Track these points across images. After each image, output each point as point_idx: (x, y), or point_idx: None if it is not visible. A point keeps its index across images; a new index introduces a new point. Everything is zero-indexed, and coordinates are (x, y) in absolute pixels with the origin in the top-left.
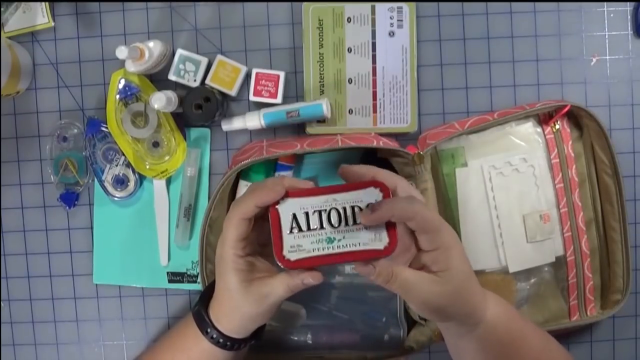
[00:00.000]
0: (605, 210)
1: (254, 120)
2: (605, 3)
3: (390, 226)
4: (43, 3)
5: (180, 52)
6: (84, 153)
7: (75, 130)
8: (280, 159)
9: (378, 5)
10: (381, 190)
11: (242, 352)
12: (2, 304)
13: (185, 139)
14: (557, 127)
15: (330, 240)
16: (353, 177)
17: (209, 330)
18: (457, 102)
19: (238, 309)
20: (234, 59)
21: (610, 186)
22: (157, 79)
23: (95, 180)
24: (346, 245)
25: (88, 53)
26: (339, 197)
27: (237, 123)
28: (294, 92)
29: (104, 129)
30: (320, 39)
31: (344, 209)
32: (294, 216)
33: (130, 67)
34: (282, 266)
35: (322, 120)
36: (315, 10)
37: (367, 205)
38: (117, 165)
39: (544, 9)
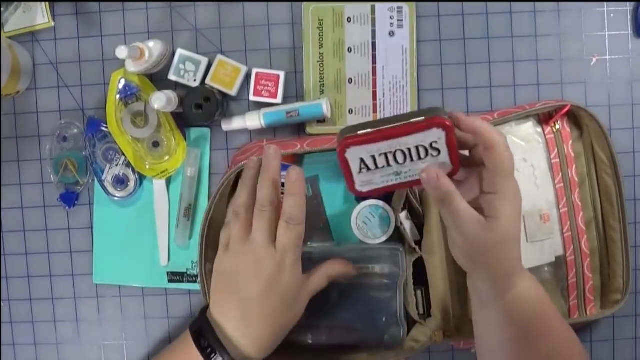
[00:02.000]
0: (605, 210)
1: (254, 120)
2: (605, 3)
3: (454, 160)
4: (43, 3)
5: (180, 52)
6: (84, 153)
7: (75, 130)
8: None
9: (378, 5)
10: (444, 129)
11: None
12: (2, 304)
13: (185, 138)
14: (557, 127)
15: (397, 174)
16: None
17: (220, 358)
18: (457, 102)
19: (287, 309)
20: (234, 59)
21: (610, 186)
22: (157, 78)
23: (95, 180)
24: (413, 175)
25: (88, 53)
26: (403, 140)
27: (237, 123)
28: (294, 92)
29: (104, 128)
30: (320, 39)
31: (409, 149)
32: (362, 160)
33: (130, 67)
34: (357, 195)
35: (322, 120)
36: (315, 10)
37: (430, 143)
38: (117, 165)
39: (544, 9)
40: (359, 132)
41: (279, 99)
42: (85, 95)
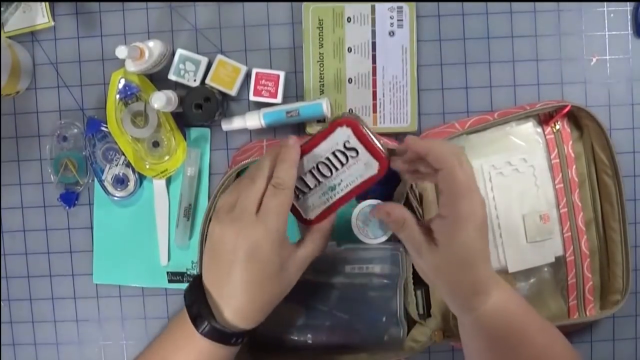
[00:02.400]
0: (605, 211)
1: (254, 120)
2: (605, 3)
3: (375, 154)
4: (43, 3)
5: (180, 52)
6: (84, 153)
7: (75, 130)
8: None
9: (378, 5)
10: (347, 125)
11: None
12: (2, 304)
13: (185, 138)
14: (558, 127)
15: (332, 188)
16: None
17: (206, 323)
18: (457, 102)
19: (269, 280)
20: (234, 59)
21: (610, 186)
22: (157, 78)
23: (95, 180)
24: (347, 185)
25: (88, 53)
26: (316, 151)
27: (237, 123)
28: (294, 92)
29: (104, 128)
30: (320, 39)
31: (328, 159)
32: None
33: (130, 66)
34: (309, 226)
35: (322, 120)
36: (315, 10)
37: (343, 145)
38: (117, 165)
39: (544, 9)
40: None
41: (279, 99)
42: (85, 95)
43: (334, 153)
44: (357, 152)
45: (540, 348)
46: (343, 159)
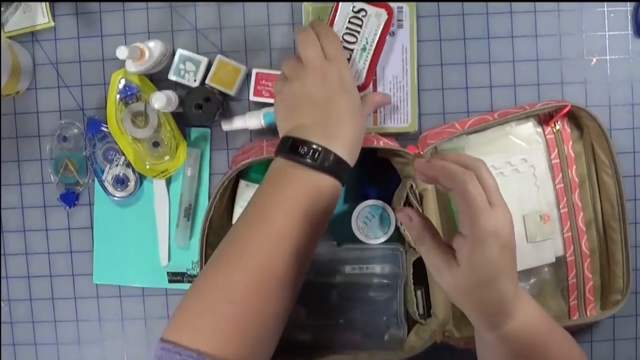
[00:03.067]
0: (605, 211)
1: (254, 120)
2: (605, 3)
3: (378, 4)
4: (43, 3)
5: (180, 52)
6: (84, 153)
7: (76, 130)
8: None
9: None
10: None
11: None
12: (2, 304)
13: (185, 138)
14: (558, 127)
15: (364, 49)
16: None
17: (332, 155)
18: (457, 102)
19: (359, 110)
20: (234, 59)
21: (611, 186)
22: (157, 79)
23: (96, 180)
24: (373, 40)
25: (88, 53)
26: (336, 28)
27: (237, 123)
28: None
29: (104, 128)
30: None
31: (347, 28)
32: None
33: (131, 67)
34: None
35: None
36: (315, 10)
37: (352, 10)
38: (117, 165)
39: (544, 9)
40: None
41: None
42: (85, 95)
43: (349, 21)
44: (366, 10)
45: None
46: (358, 22)
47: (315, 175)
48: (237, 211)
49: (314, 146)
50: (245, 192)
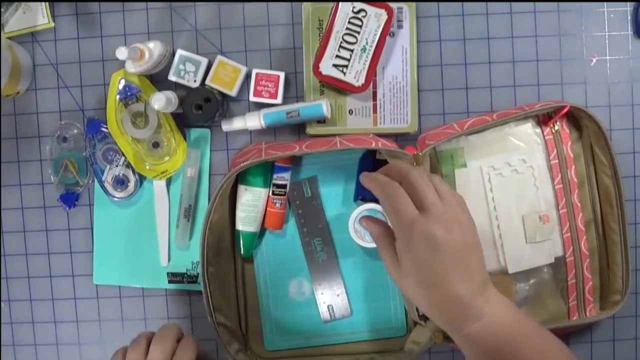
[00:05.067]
0: (605, 212)
1: (254, 121)
2: (605, 3)
3: (377, 4)
4: (43, 3)
5: (180, 52)
6: (84, 153)
7: (75, 131)
8: (278, 161)
9: None
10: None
11: None
12: (2, 304)
13: (185, 139)
14: (557, 127)
15: (364, 49)
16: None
17: None
18: (457, 102)
19: None
20: (234, 59)
21: (610, 187)
22: (157, 79)
23: (95, 180)
24: (373, 40)
25: (88, 53)
26: (336, 28)
27: (237, 123)
28: (294, 92)
29: (104, 129)
30: (320, 39)
31: (347, 28)
32: (335, 66)
33: (130, 67)
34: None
35: (322, 121)
36: (315, 10)
37: (352, 10)
38: (117, 166)
39: (544, 9)
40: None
41: (279, 100)
42: (85, 96)
43: (349, 21)
44: (365, 11)
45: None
46: (358, 22)
47: None
48: (240, 215)
49: None
50: (244, 196)
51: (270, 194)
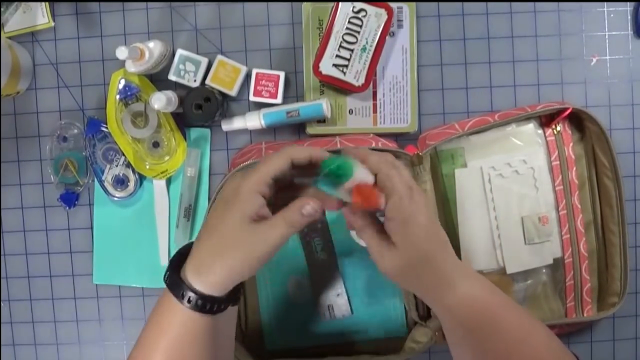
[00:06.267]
0: (605, 213)
1: (254, 120)
2: (605, 3)
3: (378, 4)
4: (43, 3)
5: (180, 52)
6: (84, 153)
7: (75, 131)
8: None
9: None
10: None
11: (221, 324)
12: (2, 304)
13: (185, 139)
14: (558, 129)
15: (364, 49)
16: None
17: (184, 293)
18: (457, 102)
19: (229, 252)
20: (234, 59)
21: (610, 189)
22: (157, 79)
23: (95, 180)
24: (373, 40)
25: (88, 53)
26: (336, 28)
27: (237, 123)
28: (294, 92)
29: (104, 129)
30: (320, 39)
31: (347, 28)
32: (335, 66)
33: (131, 67)
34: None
35: (322, 120)
36: (315, 10)
37: (352, 10)
38: (117, 166)
39: (544, 9)
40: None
41: (279, 99)
42: (85, 96)
43: (349, 21)
44: (366, 11)
45: (518, 337)
46: (358, 22)
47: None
48: None
49: (182, 283)
50: None
51: None
